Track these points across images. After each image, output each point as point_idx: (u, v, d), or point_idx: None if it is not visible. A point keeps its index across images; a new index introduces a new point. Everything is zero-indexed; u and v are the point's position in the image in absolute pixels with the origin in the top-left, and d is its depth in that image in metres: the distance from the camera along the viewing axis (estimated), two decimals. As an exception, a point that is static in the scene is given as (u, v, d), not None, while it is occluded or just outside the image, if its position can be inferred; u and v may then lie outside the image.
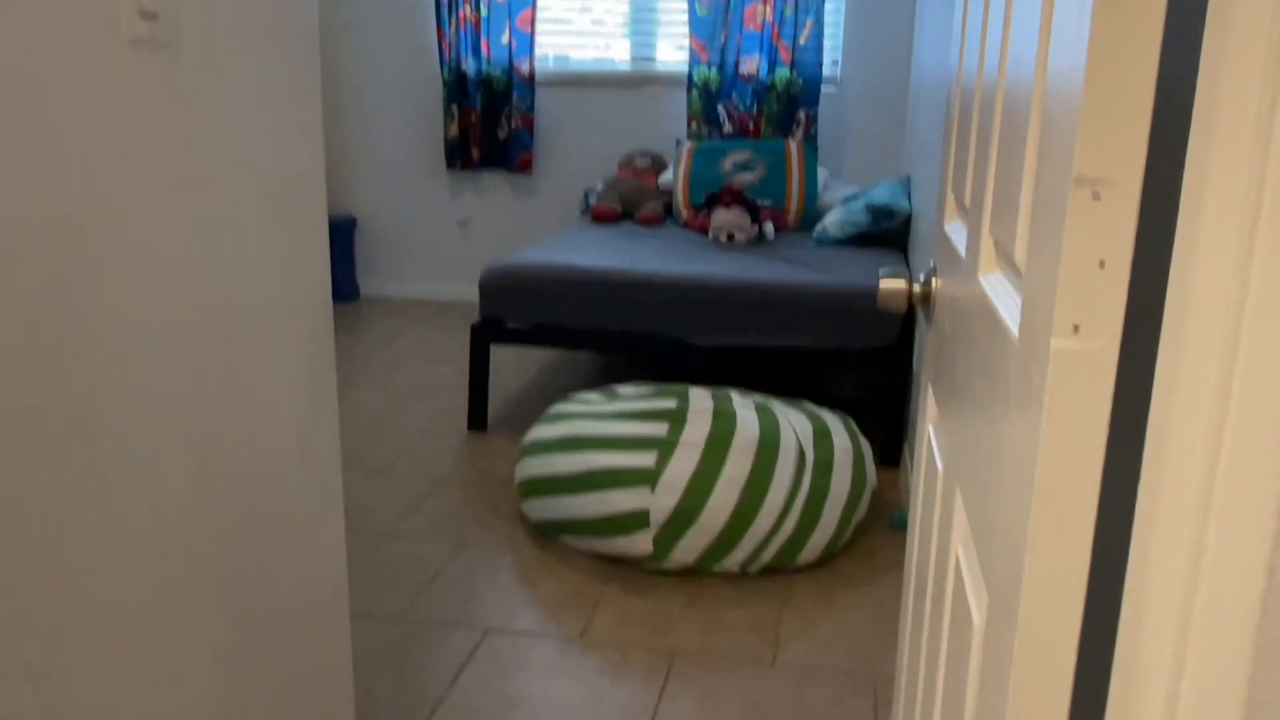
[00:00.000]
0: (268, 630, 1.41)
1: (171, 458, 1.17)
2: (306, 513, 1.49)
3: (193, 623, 1.24)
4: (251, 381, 1.32)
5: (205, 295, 1.21)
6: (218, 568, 1.28)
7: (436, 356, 4.36)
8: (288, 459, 1.42)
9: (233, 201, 1.25)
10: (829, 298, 3.20)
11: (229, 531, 1.30)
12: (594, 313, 3.34)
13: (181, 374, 1.17)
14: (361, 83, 5.18)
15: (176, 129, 1.14)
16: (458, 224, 5.28)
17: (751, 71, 4.70)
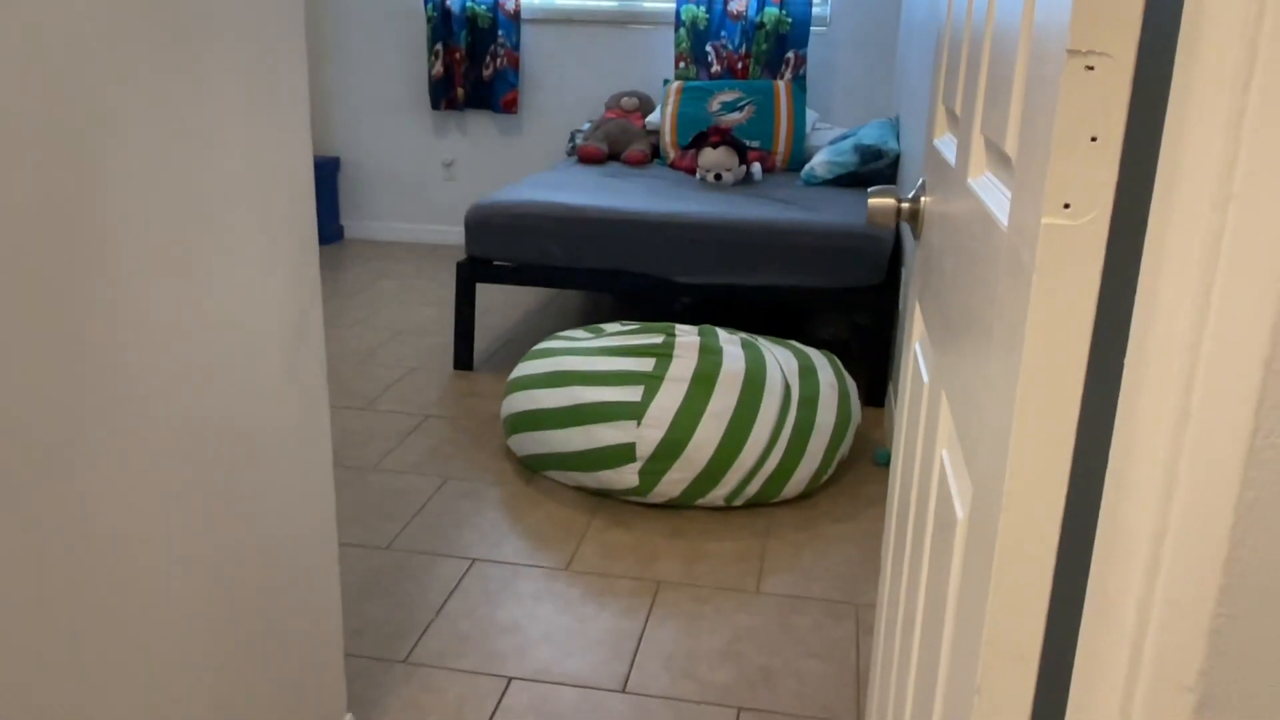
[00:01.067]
0: (256, 558, 1.41)
1: (159, 380, 1.17)
2: (294, 438, 1.49)
3: (180, 551, 1.24)
4: (236, 305, 1.31)
5: (187, 221, 1.20)
6: (204, 496, 1.28)
7: (422, 298, 4.34)
8: (274, 382, 1.42)
9: (214, 128, 1.23)
10: (816, 236, 3.20)
11: (216, 459, 1.30)
12: (580, 251, 3.33)
13: (163, 297, 1.17)
14: (343, 19, 5.09)
15: (163, 49, 1.12)
16: (442, 164, 5.23)
17: (740, 10, 4.64)
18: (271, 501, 1.44)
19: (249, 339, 1.35)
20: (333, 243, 5.28)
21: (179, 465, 1.22)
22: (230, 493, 1.34)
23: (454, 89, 5.03)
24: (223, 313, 1.29)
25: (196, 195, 1.21)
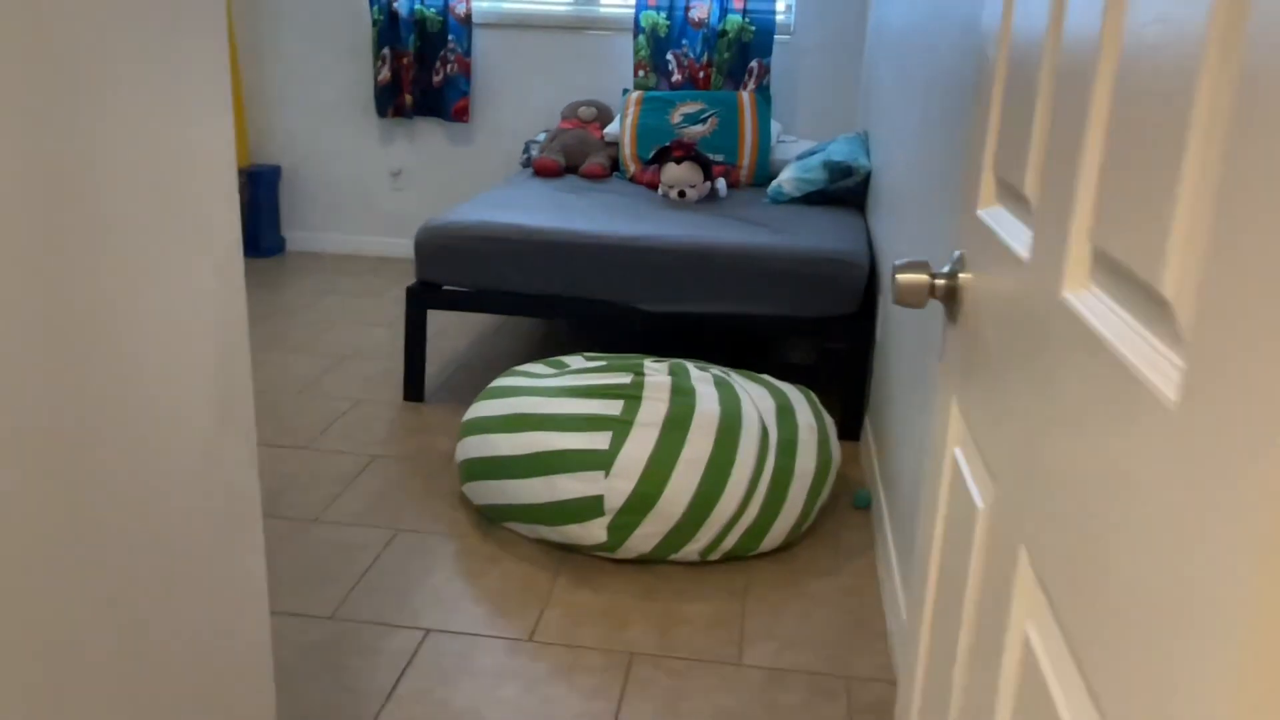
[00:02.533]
0: (171, 635, 1.20)
1: (31, 438, 0.95)
2: (217, 493, 1.28)
3: (79, 627, 1.03)
4: (134, 337, 1.10)
5: (64, 230, 0.99)
6: (104, 565, 1.07)
7: (369, 317, 4.11)
8: (191, 436, 1.21)
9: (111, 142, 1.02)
10: (788, 262, 3.03)
11: (116, 521, 1.08)
12: (539, 276, 3.13)
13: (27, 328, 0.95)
14: (284, 21, 4.83)
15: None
16: (390, 174, 4.99)
17: (702, 17, 4.46)
18: (186, 568, 1.23)
19: (158, 381, 1.14)
20: (274, 255, 5.02)
21: (62, 529, 1.01)
22: (135, 558, 1.13)
23: (402, 96, 4.79)
24: (112, 340, 1.07)
25: (78, 197, 1.00)
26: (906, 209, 2.63)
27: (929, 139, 2.26)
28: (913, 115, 2.61)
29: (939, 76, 2.18)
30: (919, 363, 2.17)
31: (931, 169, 2.18)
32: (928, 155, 2.25)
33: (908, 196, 2.61)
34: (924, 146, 2.32)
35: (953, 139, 1.94)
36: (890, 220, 2.99)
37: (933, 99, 2.26)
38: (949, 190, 1.95)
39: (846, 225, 3.41)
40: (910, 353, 2.30)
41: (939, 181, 2.07)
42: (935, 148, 2.15)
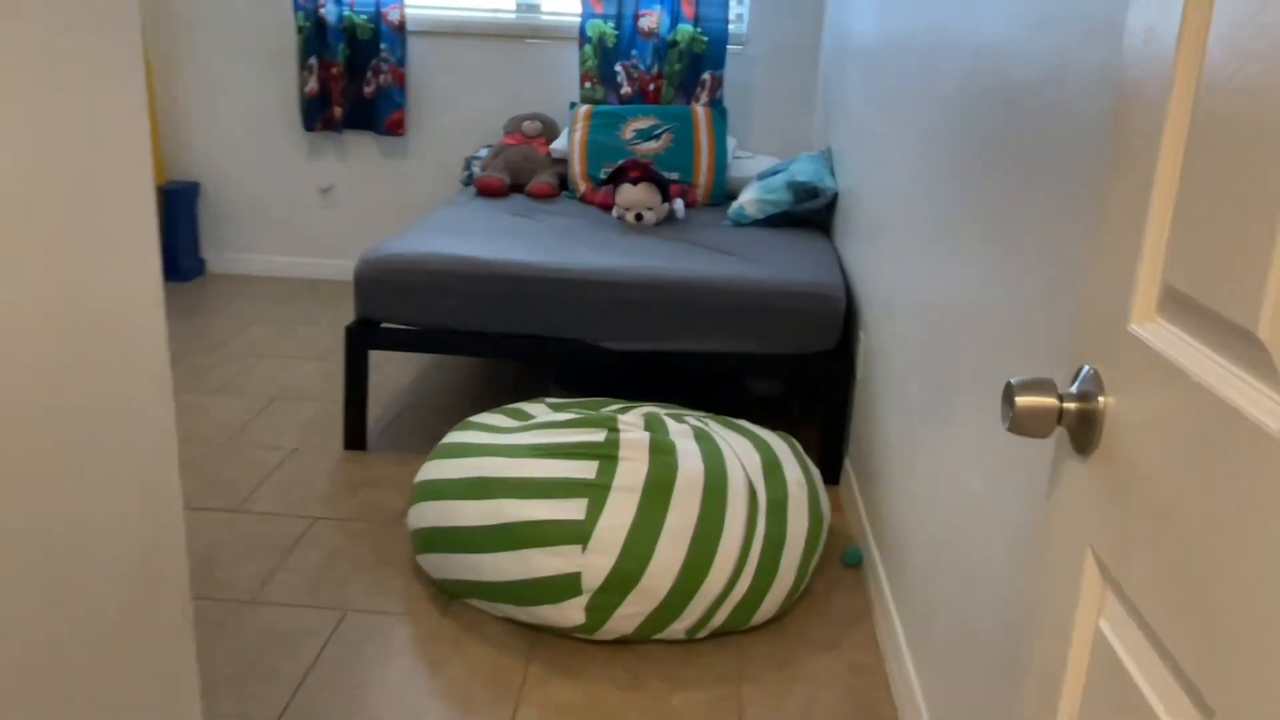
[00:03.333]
0: None
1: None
2: (131, 579, 1.02)
3: None
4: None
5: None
6: None
7: (301, 349, 3.80)
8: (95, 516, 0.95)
9: None
10: (762, 297, 2.82)
11: None
12: (492, 313, 2.88)
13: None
14: (202, 29, 4.48)
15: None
16: (319, 191, 4.67)
17: (652, 27, 4.24)
18: (91, 673, 0.97)
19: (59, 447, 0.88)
20: (193, 279, 4.67)
21: None
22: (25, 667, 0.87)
23: (331, 108, 4.48)
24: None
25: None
26: (892, 239, 2.44)
27: (930, 170, 2.07)
28: (899, 139, 2.42)
29: (941, 104, 1.99)
30: (911, 403, 1.98)
31: (937, 205, 1.98)
32: (929, 188, 2.06)
33: (894, 227, 2.41)
34: (923, 178, 2.13)
35: (971, 177, 1.74)
36: (867, 247, 2.80)
37: (932, 127, 2.06)
38: (963, 233, 1.75)
39: (817, 251, 3.22)
40: (899, 392, 2.11)
41: (949, 221, 1.87)
42: (942, 183, 1.96)
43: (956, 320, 1.77)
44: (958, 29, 1.89)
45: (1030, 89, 1.46)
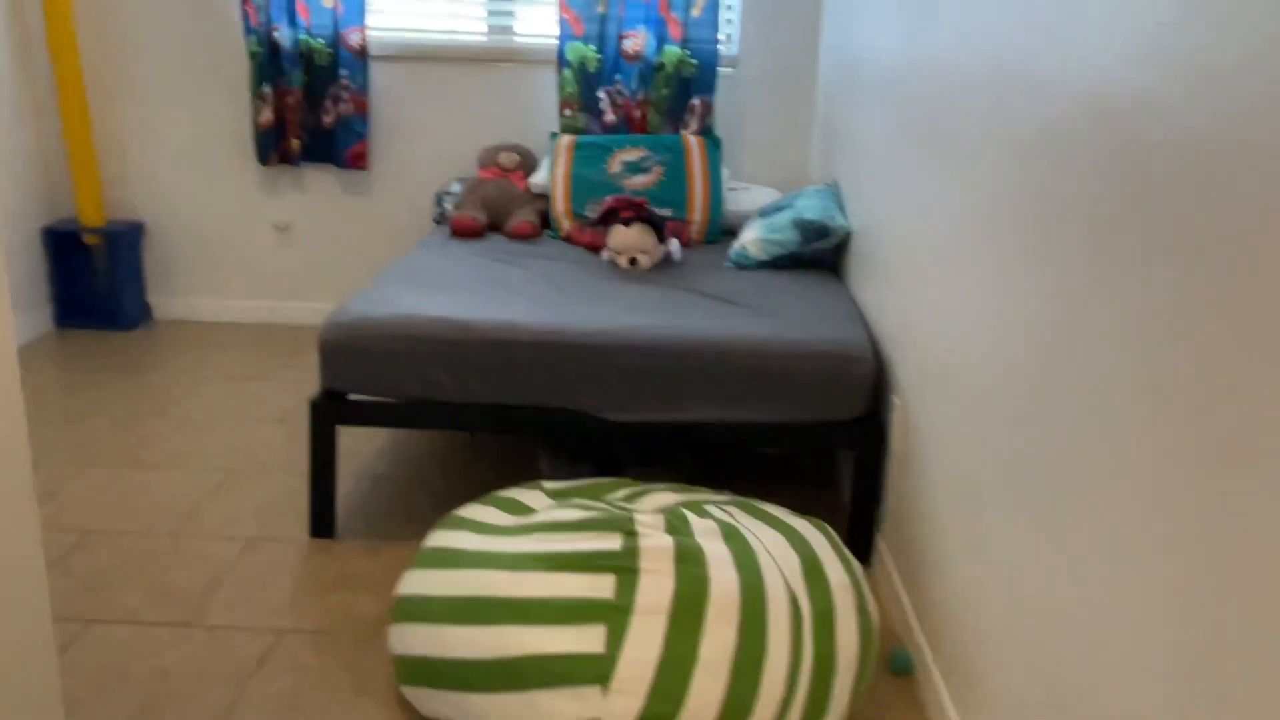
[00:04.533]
0: None
1: None
2: None
3: None
4: None
5: None
6: None
7: (258, 408, 3.43)
8: None
9: None
10: (782, 359, 2.50)
11: None
12: (476, 383, 2.54)
13: None
14: (144, 54, 4.10)
15: None
16: (275, 229, 4.30)
17: (637, 50, 3.92)
18: None
19: None
20: (137, 327, 4.27)
21: None
22: None
23: (287, 140, 4.12)
24: None
25: None
26: (938, 293, 2.13)
27: (1003, 223, 1.77)
28: (947, 181, 2.12)
29: (1019, 150, 1.69)
30: (979, 482, 1.67)
31: (1017, 262, 1.68)
32: (1000, 241, 1.76)
33: (944, 280, 2.11)
34: (990, 231, 1.83)
35: (1079, 240, 1.44)
36: (896, 297, 2.49)
37: (1005, 174, 1.76)
38: (1071, 300, 1.45)
39: (832, 299, 2.91)
40: (960, 469, 1.80)
41: (1037, 282, 1.57)
42: (1025, 239, 1.65)
43: (1053, 395, 1.47)
44: (1045, 67, 1.59)
45: (1168, 152, 1.16)
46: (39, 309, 4.11)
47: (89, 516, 2.68)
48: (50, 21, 3.83)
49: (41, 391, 3.52)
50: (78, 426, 3.24)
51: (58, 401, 3.43)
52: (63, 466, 2.96)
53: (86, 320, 4.21)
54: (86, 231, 4.09)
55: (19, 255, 3.98)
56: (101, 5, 4.04)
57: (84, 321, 4.21)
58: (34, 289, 4.08)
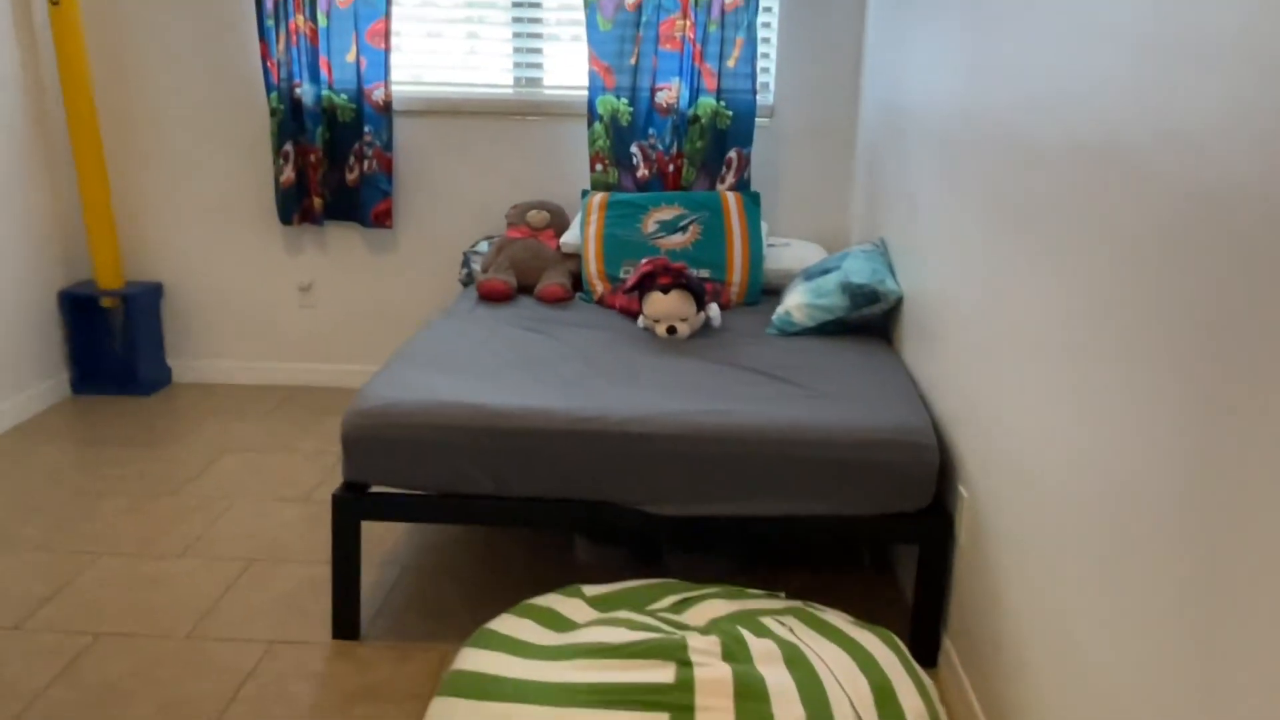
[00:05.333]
0: None
1: None
2: None
3: None
4: None
5: None
6: None
7: (278, 485, 3.28)
8: None
9: None
10: (836, 447, 2.32)
11: None
12: (508, 474, 2.37)
13: None
14: (162, 113, 3.99)
15: None
16: (298, 289, 4.17)
17: (670, 102, 3.77)
18: None
19: None
20: (157, 391, 4.14)
21: None
22: None
23: (310, 198, 3.99)
24: None
25: None
26: (1022, 377, 1.95)
27: (1092, 315, 1.58)
28: (1018, 259, 1.94)
29: (1128, 239, 1.51)
30: (1068, 584, 1.47)
31: (1119, 353, 1.49)
32: (1097, 326, 1.57)
33: (1025, 365, 1.93)
34: (1084, 323, 1.64)
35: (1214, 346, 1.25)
36: (959, 374, 2.31)
37: (1111, 261, 1.58)
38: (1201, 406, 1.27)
39: (887, 372, 2.73)
40: (1045, 569, 1.60)
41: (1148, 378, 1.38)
42: (1137, 329, 1.47)
43: (1154, 508, 1.28)
44: (1160, 160, 1.41)
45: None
46: (55, 375, 3.99)
47: (101, 616, 2.53)
48: (67, 82, 3.73)
49: (56, 468, 3.38)
50: (92, 509, 3.09)
51: (72, 479, 3.29)
52: (76, 555, 2.81)
53: (104, 386, 4.08)
54: (104, 294, 3.98)
55: (35, 320, 3.86)
56: (119, 64, 3.94)
57: (101, 387, 4.08)
58: (50, 355, 3.96)
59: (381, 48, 3.80)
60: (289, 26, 3.78)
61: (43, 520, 3.02)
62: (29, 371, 3.83)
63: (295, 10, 3.76)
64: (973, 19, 2.35)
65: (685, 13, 3.67)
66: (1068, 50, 1.74)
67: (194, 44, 3.91)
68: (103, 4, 3.88)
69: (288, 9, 3.76)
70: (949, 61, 2.58)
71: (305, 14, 3.77)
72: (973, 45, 2.35)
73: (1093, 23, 1.64)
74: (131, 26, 3.90)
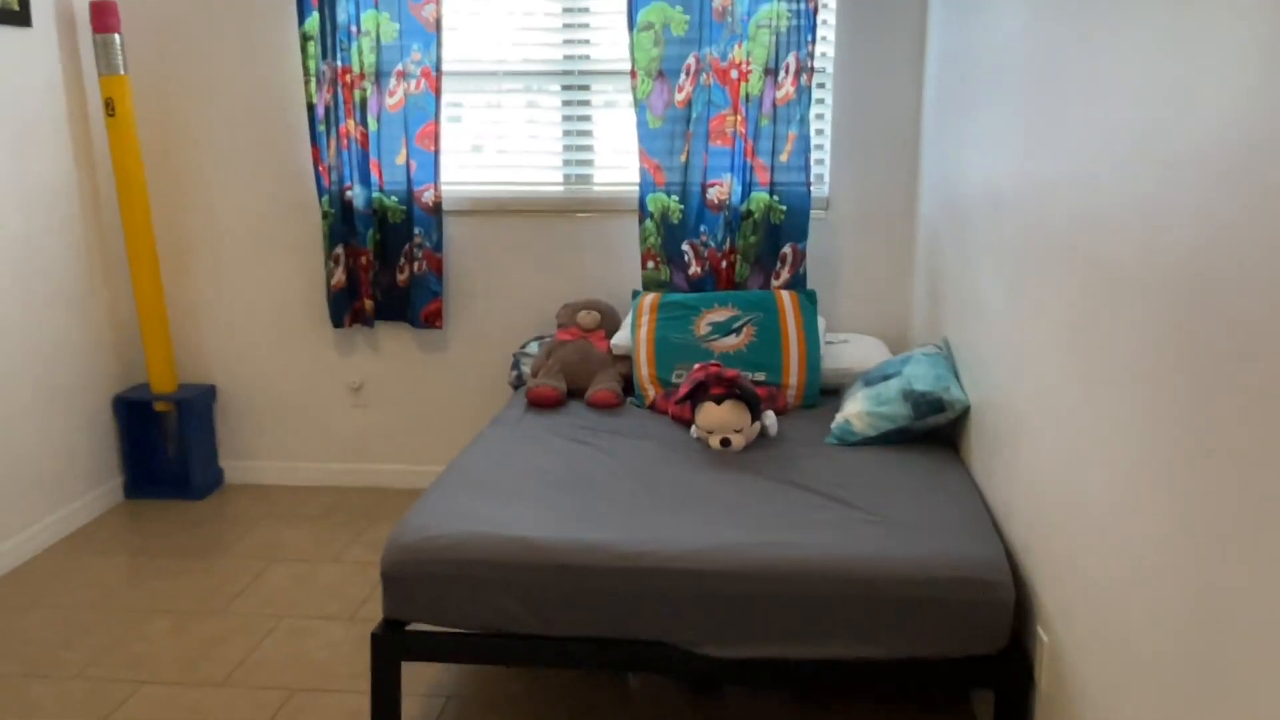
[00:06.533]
0: None
1: None
2: None
3: None
4: None
5: None
6: None
7: (327, 601, 3.20)
8: None
9: None
10: (902, 585, 2.17)
11: None
12: (551, 612, 2.25)
13: None
14: (215, 218, 4.02)
15: None
16: (349, 389, 4.13)
17: (722, 198, 3.69)
18: None
19: None
20: (209, 494, 4.11)
21: None
22: None
23: (360, 300, 3.96)
24: None
25: None
26: (1084, 500, 1.79)
27: (1208, 460, 1.43)
28: (1101, 376, 1.80)
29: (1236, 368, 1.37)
30: None
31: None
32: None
33: (1094, 493, 1.77)
34: (1195, 469, 1.49)
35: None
36: (1029, 493, 2.15)
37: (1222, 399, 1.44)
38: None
39: (955, 491, 2.58)
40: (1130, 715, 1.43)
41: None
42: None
43: None
44: (1244, 320, 1.27)
45: None
46: (109, 480, 3.98)
47: (137, 756, 2.45)
48: (122, 190, 3.77)
49: (104, 583, 3.34)
50: (138, 629, 3.04)
51: (120, 597, 3.24)
52: (117, 685, 2.75)
53: (157, 489, 4.06)
54: (158, 399, 3.98)
55: (90, 426, 3.86)
56: (172, 171, 3.98)
57: (154, 490, 4.06)
58: (105, 459, 3.96)
59: (431, 150, 3.78)
60: (340, 131, 3.78)
61: (87, 643, 2.97)
62: (84, 478, 3.82)
63: (346, 115, 3.77)
64: (1030, 102, 2.23)
65: (736, 109, 3.60)
66: (1129, 169, 1.61)
67: (246, 150, 3.94)
68: (156, 113, 3.94)
69: (339, 115, 3.77)
70: (1006, 148, 2.45)
71: (356, 119, 3.78)
72: (1030, 131, 2.23)
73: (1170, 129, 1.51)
74: (184, 135, 3.94)
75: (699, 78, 3.61)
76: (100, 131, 3.86)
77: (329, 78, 3.74)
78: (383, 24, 3.71)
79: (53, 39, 3.60)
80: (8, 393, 3.44)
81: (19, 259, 3.47)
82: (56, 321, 3.66)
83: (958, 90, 3.08)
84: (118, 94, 3.68)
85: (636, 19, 3.59)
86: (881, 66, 3.68)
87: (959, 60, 3.07)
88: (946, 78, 3.26)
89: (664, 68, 3.63)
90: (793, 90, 3.58)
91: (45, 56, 3.57)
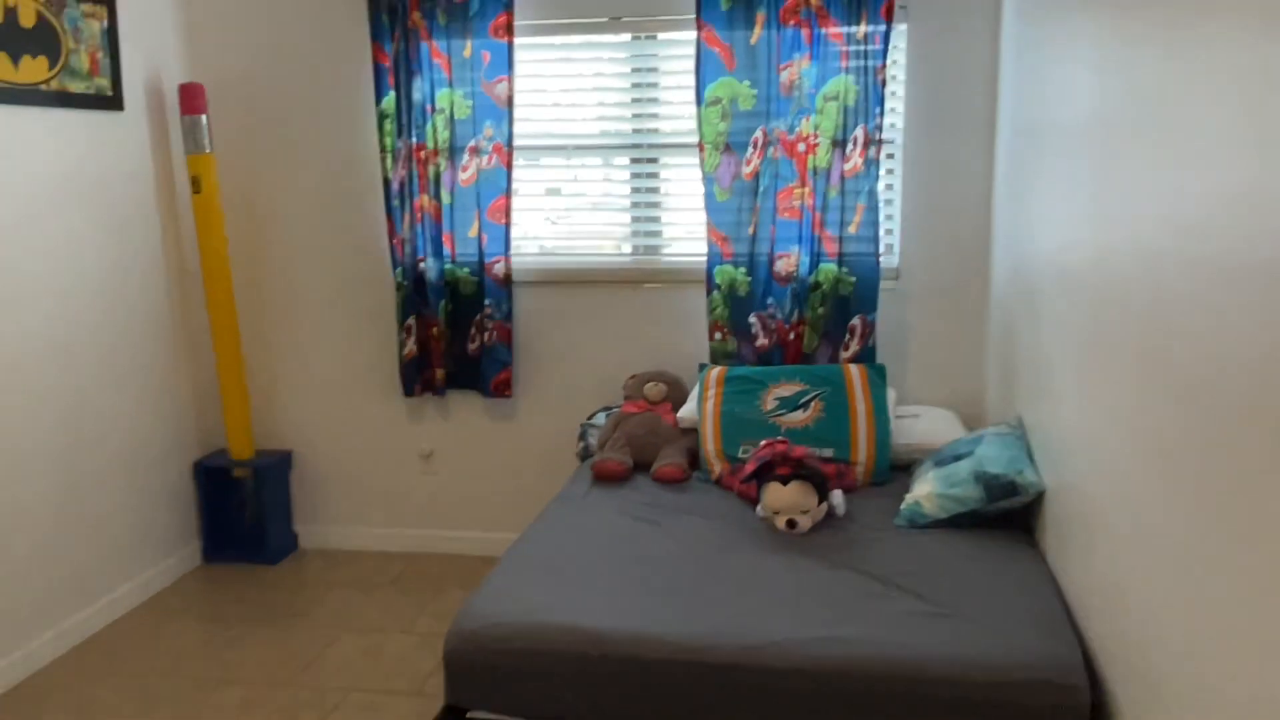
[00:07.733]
0: None
1: None
2: None
3: None
4: None
5: None
6: None
7: (394, 673, 3.21)
8: None
9: None
10: (969, 687, 2.10)
11: None
12: (608, 704, 2.23)
13: None
14: (292, 288, 4.13)
15: None
16: (420, 456, 4.19)
17: (790, 271, 3.67)
18: None
19: None
20: (284, 558, 4.19)
21: None
22: None
23: (432, 369, 4.02)
24: None
25: None
26: (1159, 602, 1.71)
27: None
28: (1187, 464, 1.73)
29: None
30: None
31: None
32: None
33: (1173, 595, 1.69)
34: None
35: None
36: (1109, 584, 2.07)
37: None
38: None
39: (1028, 582, 2.49)
40: None
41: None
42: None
43: None
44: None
45: None
46: (188, 544, 4.08)
47: (202, 835, 2.47)
48: (206, 263, 3.89)
49: (179, 651, 3.41)
50: (208, 702, 3.08)
51: (193, 666, 3.30)
52: (186, 757, 2.79)
53: (233, 553, 4.15)
54: (236, 465, 4.07)
55: (171, 491, 3.97)
56: (254, 245, 4.11)
57: (231, 555, 4.15)
58: (184, 524, 4.05)
59: (502, 223, 3.85)
60: (414, 205, 3.87)
61: (159, 714, 3.02)
62: (164, 543, 3.92)
63: (421, 190, 3.86)
64: (1099, 165, 2.18)
65: (804, 181, 3.60)
66: (1194, 268, 1.55)
67: (323, 224, 4.05)
68: (240, 191, 4.08)
69: (413, 189, 3.86)
70: (1074, 220, 2.40)
71: (430, 193, 3.86)
72: (1102, 196, 2.17)
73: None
74: (265, 210, 4.07)
75: (766, 151, 3.62)
76: (186, 208, 4.00)
77: (404, 154, 3.84)
78: (457, 102, 3.80)
79: (143, 121, 3.76)
80: (95, 459, 3.55)
81: (108, 330, 3.60)
82: (141, 390, 3.78)
83: (1029, 160, 3.03)
84: (204, 172, 3.82)
85: (704, 94, 3.62)
86: (952, 136, 3.64)
87: (1031, 130, 3.03)
88: (1018, 147, 3.22)
89: (731, 141, 3.64)
90: (861, 162, 3.56)
91: (136, 138, 3.73)
